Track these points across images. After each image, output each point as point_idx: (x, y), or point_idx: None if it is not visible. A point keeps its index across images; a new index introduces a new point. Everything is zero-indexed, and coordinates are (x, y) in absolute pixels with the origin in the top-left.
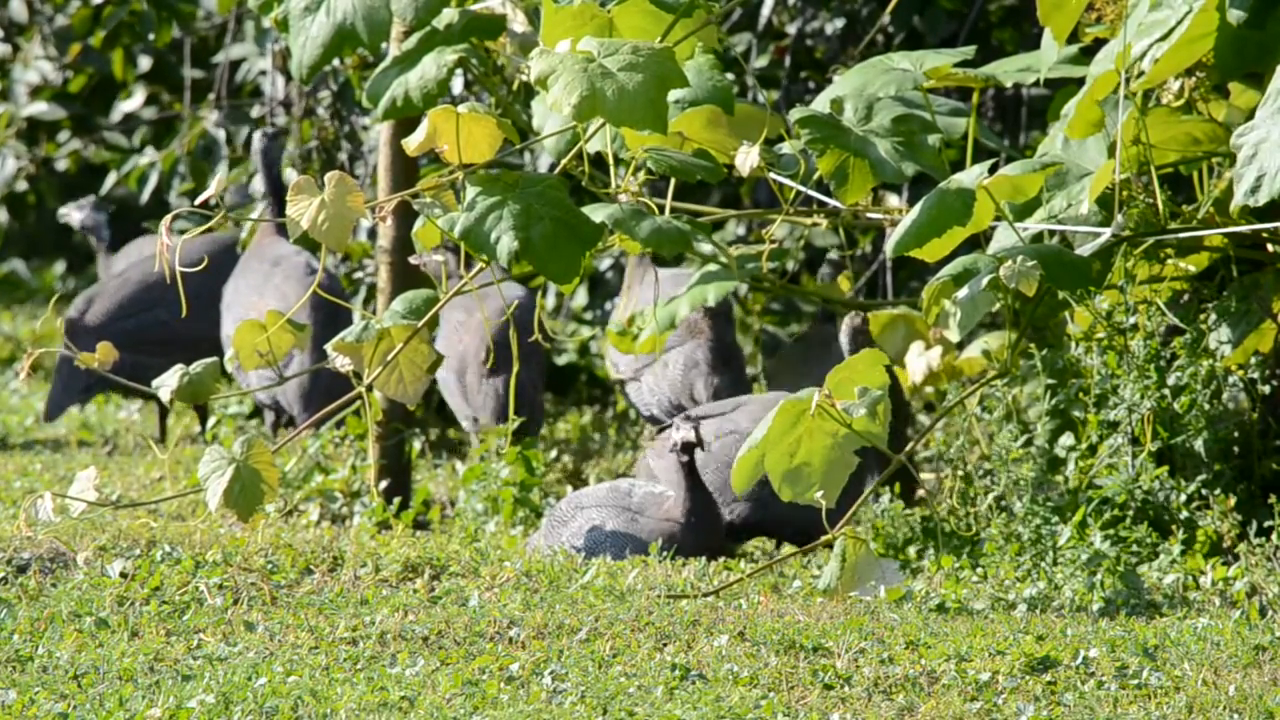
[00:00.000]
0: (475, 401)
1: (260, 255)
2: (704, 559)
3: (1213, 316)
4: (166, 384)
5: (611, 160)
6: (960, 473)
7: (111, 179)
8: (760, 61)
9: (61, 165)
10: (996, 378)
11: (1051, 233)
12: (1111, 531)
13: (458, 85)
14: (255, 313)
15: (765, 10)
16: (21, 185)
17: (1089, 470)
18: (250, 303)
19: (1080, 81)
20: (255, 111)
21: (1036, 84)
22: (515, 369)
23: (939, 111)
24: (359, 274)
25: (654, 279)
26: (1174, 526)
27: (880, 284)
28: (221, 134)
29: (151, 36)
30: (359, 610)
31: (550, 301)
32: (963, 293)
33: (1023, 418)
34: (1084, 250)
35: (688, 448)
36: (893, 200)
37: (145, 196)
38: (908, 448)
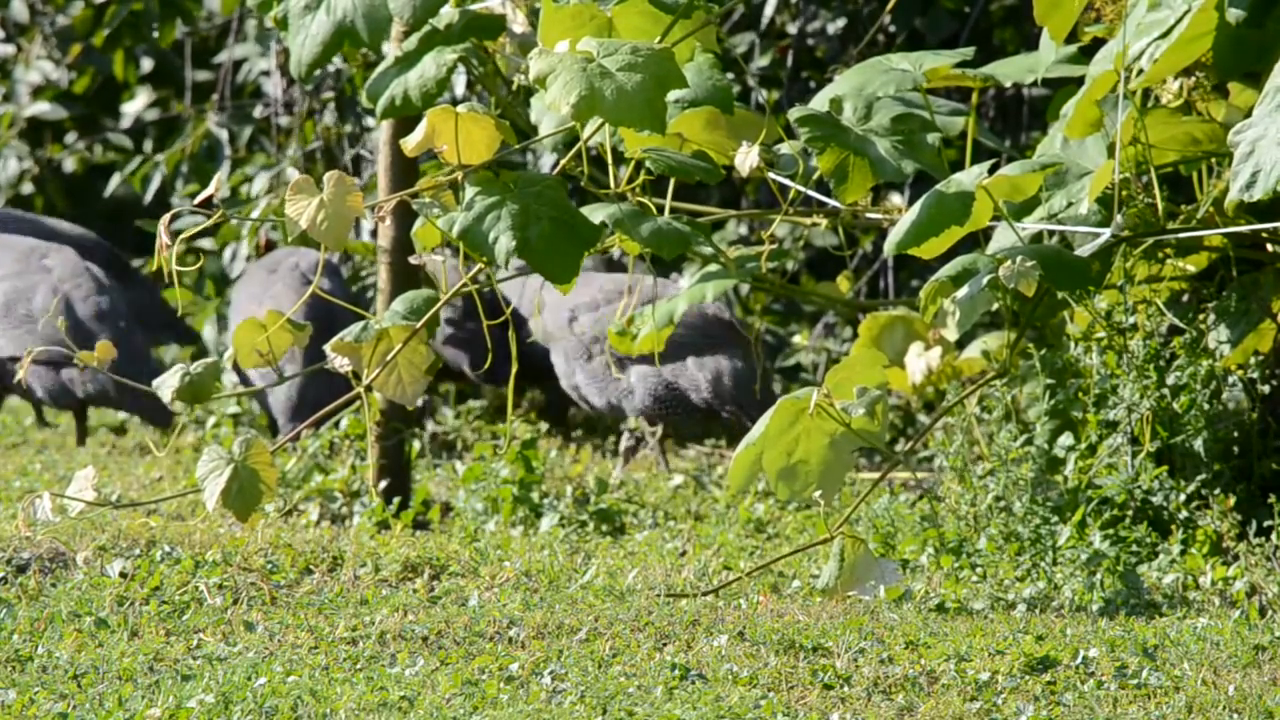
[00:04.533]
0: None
1: (262, 263)
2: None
3: (1212, 316)
4: (167, 384)
5: (611, 160)
6: (959, 473)
7: (116, 179)
8: (762, 61)
9: (69, 166)
10: (996, 378)
11: (1051, 232)
12: (1111, 531)
13: (460, 85)
14: None
15: (768, 9)
16: (28, 188)
17: (1088, 470)
18: (249, 311)
19: (1079, 81)
20: (258, 112)
21: (1035, 84)
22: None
23: (939, 112)
24: (367, 275)
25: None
26: (1174, 526)
27: (883, 284)
28: (225, 134)
29: (156, 33)
30: (359, 610)
31: None
32: (961, 292)
33: (1022, 418)
34: (1083, 250)
35: None
36: (895, 199)
37: (148, 197)
38: (907, 446)
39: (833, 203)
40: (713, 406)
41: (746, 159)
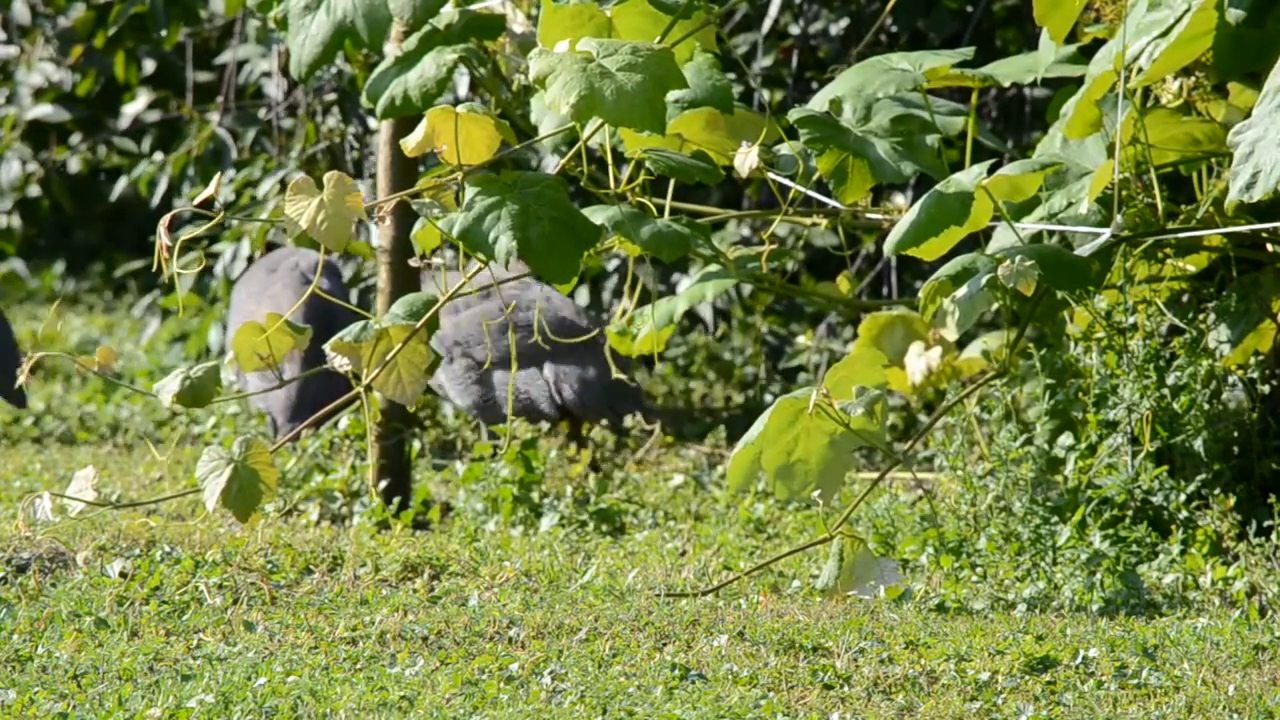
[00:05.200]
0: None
1: (262, 263)
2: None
3: (1212, 316)
4: (167, 388)
5: (611, 161)
6: (959, 473)
7: (122, 183)
8: (765, 61)
9: (74, 168)
10: (995, 378)
11: (1051, 232)
12: (1111, 531)
13: (463, 86)
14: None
15: (772, 10)
16: (34, 190)
17: (1088, 470)
18: (249, 310)
19: (1079, 81)
20: (261, 114)
21: (1035, 84)
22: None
23: (939, 112)
24: (369, 276)
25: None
26: (1174, 526)
27: (886, 284)
28: (229, 136)
29: (164, 32)
30: (359, 610)
31: None
32: (961, 292)
33: (1022, 418)
34: (1083, 250)
35: None
36: (897, 199)
37: (156, 200)
38: (907, 446)
39: (833, 203)
40: (573, 412)
41: (746, 159)
